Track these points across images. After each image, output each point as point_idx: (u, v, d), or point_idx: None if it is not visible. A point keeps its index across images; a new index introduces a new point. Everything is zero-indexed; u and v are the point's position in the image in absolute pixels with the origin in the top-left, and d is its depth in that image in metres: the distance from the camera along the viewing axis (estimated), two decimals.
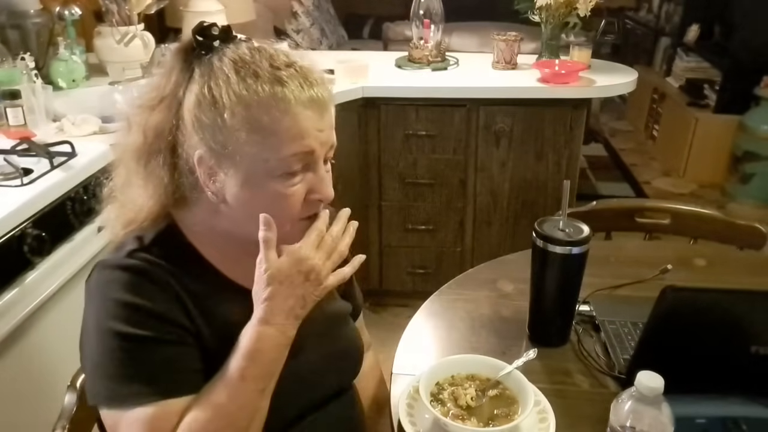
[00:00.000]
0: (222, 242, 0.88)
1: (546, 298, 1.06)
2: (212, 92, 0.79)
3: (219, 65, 0.80)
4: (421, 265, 2.55)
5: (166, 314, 0.80)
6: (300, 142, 0.79)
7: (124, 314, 0.78)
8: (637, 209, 1.61)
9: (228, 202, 0.83)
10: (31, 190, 1.36)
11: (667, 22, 4.77)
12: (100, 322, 0.80)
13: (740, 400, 0.85)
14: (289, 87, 0.79)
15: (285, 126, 0.78)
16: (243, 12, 2.82)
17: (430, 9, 2.48)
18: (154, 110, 0.83)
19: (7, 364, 1.27)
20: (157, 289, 0.81)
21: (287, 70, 0.80)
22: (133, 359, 0.78)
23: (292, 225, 0.84)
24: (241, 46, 0.82)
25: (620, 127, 4.94)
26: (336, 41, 4.22)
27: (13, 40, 1.99)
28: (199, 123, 0.80)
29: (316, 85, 0.81)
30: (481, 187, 2.41)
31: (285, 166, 0.80)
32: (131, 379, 0.77)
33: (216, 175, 0.82)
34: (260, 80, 0.79)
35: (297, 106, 0.79)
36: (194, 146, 0.81)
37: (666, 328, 0.88)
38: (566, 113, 2.29)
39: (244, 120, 0.78)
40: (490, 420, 0.86)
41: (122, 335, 0.78)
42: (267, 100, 0.78)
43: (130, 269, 0.81)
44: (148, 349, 0.79)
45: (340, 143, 0.85)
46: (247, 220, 0.83)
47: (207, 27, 0.83)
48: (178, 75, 0.82)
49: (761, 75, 3.46)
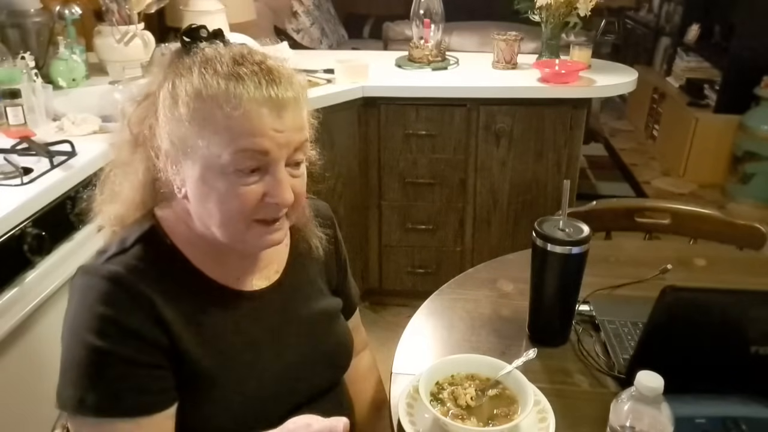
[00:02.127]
0: (200, 242, 0.87)
1: (546, 298, 1.06)
2: (176, 87, 0.79)
3: (189, 63, 0.80)
4: (421, 264, 2.55)
5: (139, 331, 0.80)
6: (251, 140, 0.78)
7: (97, 326, 0.78)
8: (637, 209, 1.61)
9: (190, 199, 0.83)
10: (31, 189, 1.36)
11: (667, 22, 4.78)
12: (74, 329, 0.81)
13: (740, 399, 0.85)
14: (245, 83, 0.78)
15: (236, 122, 0.77)
16: (243, 11, 2.82)
17: (431, 8, 2.48)
18: (139, 105, 0.84)
19: (7, 363, 1.27)
20: (134, 304, 0.80)
21: (249, 67, 0.79)
22: (99, 373, 0.78)
23: (246, 225, 0.83)
24: (218, 45, 0.82)
25: (620, 126, 4.94)
26: (336, 41, 4.22)
27: (13, 39, 1.99)
28: (165, 117, 0.81)
29: (277, 85, 0.79)
30: (481, 187, 2.41)
31: (236, 162, 0.78)
32: (95, 391, 0.78)
33: (179, 170, 0.82)
34: (217, 75, 0.78)
35: (251, 102, 0.77)
36: (162, 140, 0.82)
37: (666, 328, 0.88)
38: (566, 113, 2.29)
39: (197, 113, 0.78)
40: (490, 420, 0.86)
41: (92, 347, 0.78)
42: (221, 95, 0.77)
43: (109, 279, 0.80)
44: (115, 365, 0.79)
45: (340, 143, 0.85)
46: (206, 217, 0.83)
47: (195, 29, 0.82)
48: (163, 73, 0.83)
49: (761, 75, 3.46)
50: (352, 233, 2.45)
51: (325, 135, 2.61)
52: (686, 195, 3.78)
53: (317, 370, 0.97)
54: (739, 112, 3.59)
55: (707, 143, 3.79)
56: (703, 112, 3.85)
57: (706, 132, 3.79)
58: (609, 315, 1.12)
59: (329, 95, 2.15)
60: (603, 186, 3.92)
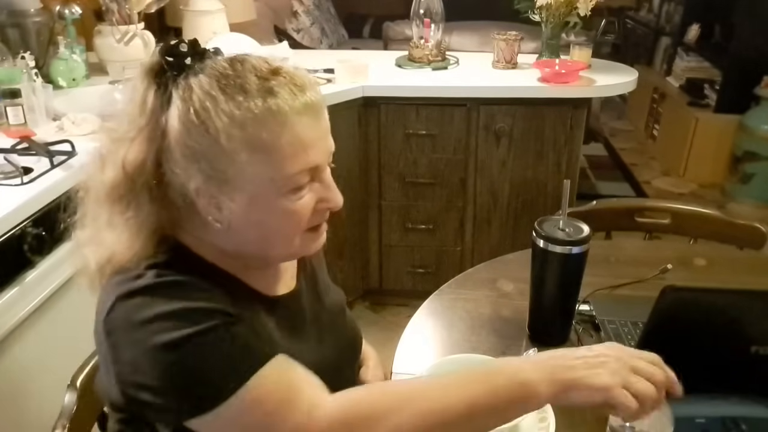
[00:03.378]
0: (224, 257, 0.82)
1: (546, 298, 1.06)
2: (200, 117, 0.72)
3: (199, 84, 0.73)
4: (421, 264, 2.55)
5: (221, 309, 0.73)
6: (304, 158, 0.75)
7: (171, 323, 0.70)
8: (637, 209, 1.61)
9: (234, 228, 0.77)
10: (32, 189, 1.36)
11: (667, 22, 4.77)
12: (145, 348, 0.69)
13: (740, 399, 0.85)
14: (282, 96, 0.74)
15: (286, 140, 0.74)
16: (243, 11, 2.82)
17: (431, 8, 2.48)
18: (133, 142, 0.75)
19: (7, 363, 1.27)
20: (204, 294, 0.74)
21: (276, 79, 0.75)
22: (200, 356, 0.69)
23: (300, 238, 0.81)
24: (217, 60, 0.76)
25: (620, 126, 4.94)
26: (336, 40, 4.22)
27: (14, 39, 2.00)
28: (191, 151, 0.73)
29: (307, 89, 0.76)
30: (481, 187, 2.41)
31: (292, 182, 0.76)
32: (212, 375, 0.69)
33: (220, 203, 0.76)
34: (250, 95, 0.73)
35: (293, 115, 0.74)
36: (190, 176, 0.74)
37: (666, 328, 0.88)
38: (566, 113, 2.29)
39: (242, 141, 0.73)
40: None
41: (175, 343, 0.69)
42: (262, 116, 0.73)
43: (162, 285, 0.73)
44: (211, 339, 0.70)
45: (340, 142, 0.84)
46: (261, 241, 0.80)
47: (174, 45, 0.75)
48: (154, 102, 0.75)
49: (761, 75, 3.46)
50: (352, 233, 2.45)
51: None
52: (686, 195, 3.78)
53: (349, 361, 0.97)
54: (740, 112, 3.59)
55: (707, 143, 3.79)
56: (703, 111, 3.85)
57: (707, 132, 3.78)
58: (609, 315, 1.13)
59: (329, 95, 2.15)
60: (603, 186, 3.92)
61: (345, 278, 2.44)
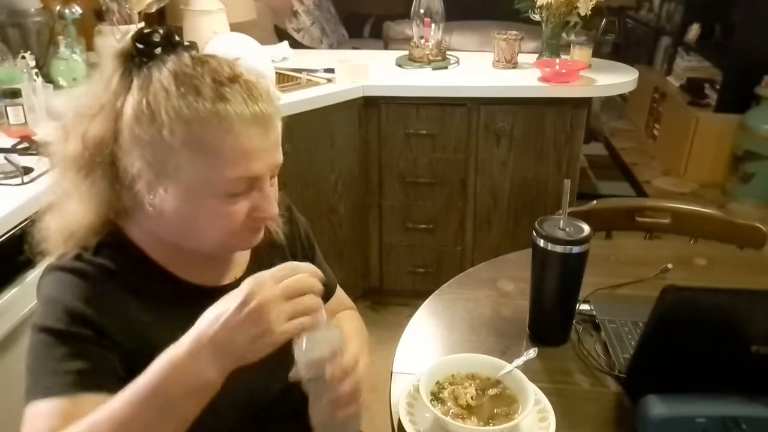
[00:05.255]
0: (165, 247, 0.86)
1: (546, 298, 1.06)
2: (150, 107, 0.75)
3: (158, 77, 0.76)
4: (422, 264, 2.55)
5: (101, 326, 0.77)
6: (245, 166, 0.77)
7: (60, 314, 0.76)
8: (638, 209, 1.61)
9: (166, 216, 0.81)
10: (32, 188, 1.36)
11: (667, 22, 4.77)
12: (40, 318, 0.78)
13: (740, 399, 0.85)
14: (232, 104, 0.75)
15: (229, 146, 0.76)
16: (243, 11, 2.82)
17: (431, 8, 2.48)
18: (94, 119, 0.79)
19: (8, 362, 1.27)
20: (103, 299, 0.78)
21: (231, 86, 0.76)
22: (49, 353, 0.76)
23: (233, 236, 0.82)
24: (184, 56, 0.78)
25: (621, 126, 4.94)
26: (336, 40, 4.22)
27: (14, 39, 2.00)
28: (137, 138, 0.77)
29: (260, 101, 0.78)
30: (482, 187, 2.41)
31: (229, 187, 0.78)
32: (44, 373, 0.76)
33: (155, 190, 0.79)
34: (201, 97, 0.75)
35: (240, 124, 0.75)
36: (133, 160, 0.78)
37: (666, 328, 0.88)
38: (567, 112, 2.29)
39: (184, 138, 0.75)
40: (490, 419, 0.86)
41: (46, 329, 0.76)
42: (209, 118, 0.75)
43: (80, 274, 0.79)
44: (67, 344, 0.76)
45: (341, 143, 0.85)
46: (186, 232, 0.82)
47: (148, 33, 0.79)
48: (117, 84, 0.78)
49: (762, 74, 3.46)
50: (352, 233, 2.45)
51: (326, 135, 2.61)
52: (687, 194, 3.78)
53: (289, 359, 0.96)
54: (740, 112, 3.59)
55: (708, 143, 3.79)
56: (703, 111, 3.85)
57: (707, 131, 3.78)
58: (609, 314, 1.12)
59: (329, 95, 2.15)
60: (603, 185, 3.92)
61: (345, 278, 2.44)
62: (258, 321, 0.69)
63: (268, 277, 0.72)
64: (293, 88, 2.16)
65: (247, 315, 0.69)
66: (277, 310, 0.70)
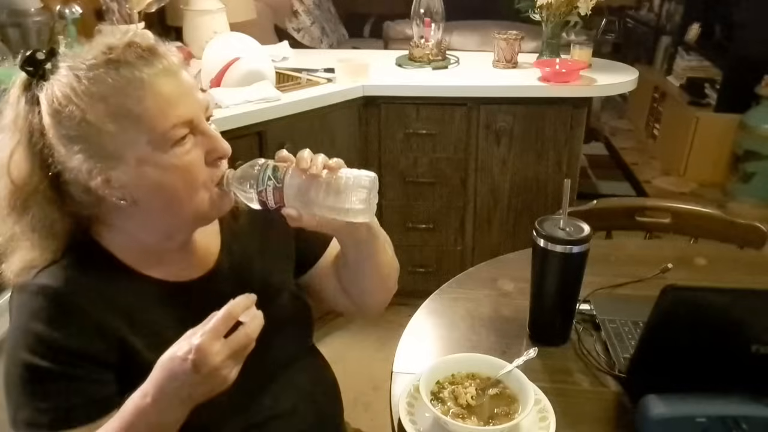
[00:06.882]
0: (135, 245, 0.87)
1: (546, 297, 1.06)
2: (62, 104, 0.77)
3: (58, 78, 0.78)
4: (422, 263, 2.55)
5: (78, 348, 0.79)
6: (173, 113, 0.79)
7: (31, 344, 0.78)
8: (638, 208, 1.61)
9: (138, 201, 0.81)
10: None
11: (667, 21, 4.77)
12: (13, 347, 0.80)
13: (741, 399, 0.85)
14: (137, 65, 0.78)
15: (150, 102, 0.78)
16: (243, 10, 2.82)
17: (431, 8, 2.48)
18: (14, 155, 0.80)
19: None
20: (69, 318, 0.80)
21: (127, 51, 0.78)
22: (32, 390, 0.79)
23: (207, 191, 0.84)
24: (75, 53, 0.81)
25: (621, 125, 4.94)
26: (337, 40, 4.22)
27: (14, 39, 1.99)
28: (68, 137, 0.78)
29: (159, 55, 0.80)
30: (482, 186, 2.41)
31: (169, 137, 0.79)
32: (28, 407, 0.79)
33: (110, 178, 0.79)
34: (105, 70, 0.77)
35: (150, 80, 0.78)
36: (76, 162, 0.79)
37: (666, 327, 0.88)
38: (567, 112, 2.29)
39: (108, 113, 0.77)
40: (491, 419, 0.86)
41: (26, 365, 0.78)
42: (120, 86, 0.77)
43: (42, 294, 0.80)
44: (49, 381, 0.79)
45: (341, 142, 0.85)
46: (164, 207, 0.82)
47: (30, 55, 0.81)
48: (25, 109, 0.80)
49: (762, 74, 3.46)
50: None
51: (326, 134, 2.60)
52: (687, 194, 3.78)
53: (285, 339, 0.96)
54: (740, 111, 3.59)
55: (708, 142, 3.79)
56: (703, 111, 3.84)
57: (707, 131, 3.78)
58: (609, 314, 1.12)
59: (330, 94, 2.15)
60: (603, 185, 3.92)
61: None
62: (213, 378, 0.74)
63: (209, 339, 0.73)
64: (293, 87, 2.16)
65: (203, 378, 0.74)
66: (228, 368, 0.75)
